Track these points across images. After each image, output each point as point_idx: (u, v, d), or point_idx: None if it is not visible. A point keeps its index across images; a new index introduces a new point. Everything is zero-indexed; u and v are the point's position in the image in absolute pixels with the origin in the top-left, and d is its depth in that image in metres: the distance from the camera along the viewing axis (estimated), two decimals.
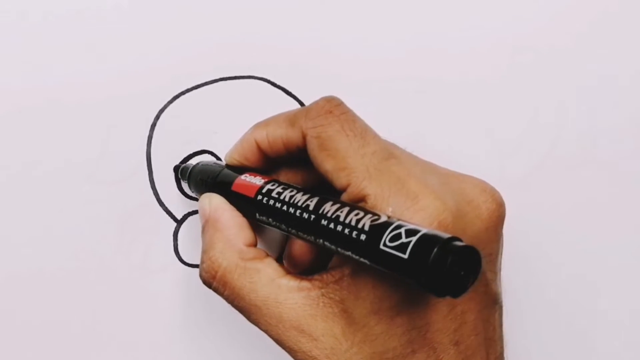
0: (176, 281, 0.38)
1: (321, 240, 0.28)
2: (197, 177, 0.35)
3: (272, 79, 0.38)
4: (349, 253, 0.27)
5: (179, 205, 0.38)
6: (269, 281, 0.30)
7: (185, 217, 0.38)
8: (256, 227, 0.33)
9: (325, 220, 0.28)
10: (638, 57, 0.40)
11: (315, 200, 0.29)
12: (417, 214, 0.27)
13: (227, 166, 0.34)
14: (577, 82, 0.40)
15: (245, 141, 0.33)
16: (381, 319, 0.28)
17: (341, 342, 0.28)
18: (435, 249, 0.24)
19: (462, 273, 0.24)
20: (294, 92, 0.38)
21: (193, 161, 0.37)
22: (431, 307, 0.28)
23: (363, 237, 0.26)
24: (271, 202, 0.30)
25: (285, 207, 0.30)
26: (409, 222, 0.26)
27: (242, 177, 0.33)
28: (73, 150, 0.37)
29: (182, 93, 0.37)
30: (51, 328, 0.38)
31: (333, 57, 0.38)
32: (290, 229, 0.30)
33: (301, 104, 0.38)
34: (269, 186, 0.31)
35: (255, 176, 0.32)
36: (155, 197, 0.37)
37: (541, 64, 0.39)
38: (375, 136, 0.30)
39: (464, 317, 0.29)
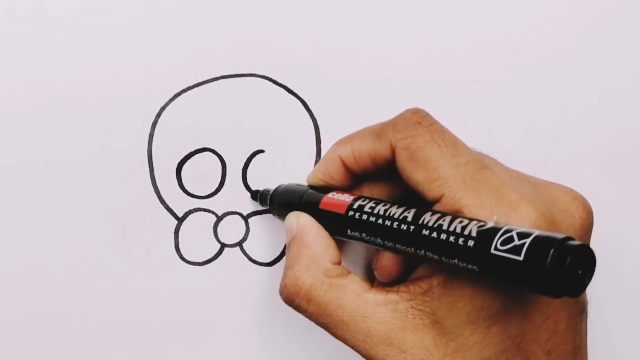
0: (177, 279, 0.38)
1: (422, 251, 0.28)
2: (282, 199, 0.35)
3: (273, 77, 0.38)
4: (455, 261, 0.26)
5: (180, 203, 0.38)
6: (356, 296, 0.30)
7: (186, 215, 0.38)
8: (339, 245, 0.33)
9: (426, 230, 0.27)
10: (639, 57, 0.40)
11: (412, 211, 0.28)
12: (518, 222, 0.27)
13: (310, 187, 0.35)
14: (578, 82, 0.40)
15: (329, 160, 0.33)
16: (477, 329, 0.28)
17: (432, 353, 0.28)
18: (552, 250, 0.23)
19: (580, 272, 0.24)
20: (295, 90, 0.38)
21: (268, 185, 0.37)
22: (526, 317, 0.28)
23: (471, 243, 0.26)
24: (364, 217, 0.30)
25: (380, 221, 0.29)
26: (517, 227, 0.25)
27: (329, 195, 0.33)
28: (74, 148, 0.37)
29: (184, 91, 0.37)
30: (51, 327, 0.38)
31: (334, 56, 0.38)
32: (386, 242, 0.29)
33: (302, 102, 0.38)
34: (359, 202, 0.31)
35: (342, 194, 0.32)
36: (157, 195, 0.37)
37: (542, 64, 0.40)
38: (466, 146, 0.30)
39: (556, 326, 0.29)
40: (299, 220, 0.33)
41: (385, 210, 0.30)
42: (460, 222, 0.26)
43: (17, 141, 0.36)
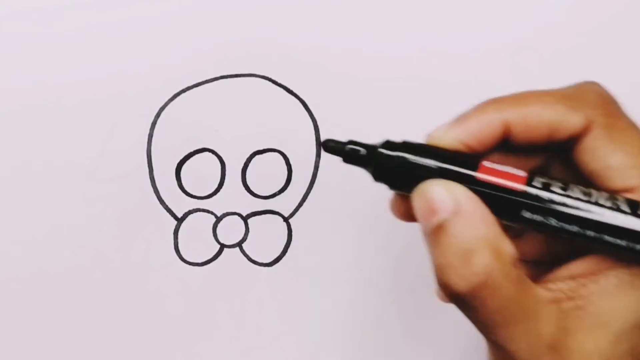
0: (177, 279, 0.38)
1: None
2: (402, 159, 0.26)
3: (273, 77, 0.38)
4: None
5: (180, 203, 0.38)
6: (533, 292, 0.26)
7: (185, 215, 0.38)
8: None
9: None
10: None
11: (621, 200, 0.25)
12: None
13: (444, 151, 0.26)
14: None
15: (485, 121, 0.27)
16: None
17: (607, 356, 0.25)
18: None
19: None
20: (295, 91, 0.38)
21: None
22: None
23: None
24: (558, 198, 0.25)
25: (588, 207, 0.25)
26: None
27: (486, 163, 0.25)
28: (74, 149, 0.37)
29: (183, 91, 0.37)
30: (51, 326, 0.38)
31: (334, 56, 0.38)
32: (587, 232, 0.25)
33: (302, 102, 0.38)
34: (541, 178, 0.25)
35: (500, 164, 0.26)
36: (156, 195, 0.37)
37: (543, 65, 0.39)
38: None
39: None
40: (455, 192, 0.25)
41: (586, 194, 0.25)
42: None
43: (17, 141, 0.36)
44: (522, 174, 0.25)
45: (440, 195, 0.25)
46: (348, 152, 0.27)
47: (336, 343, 0.39)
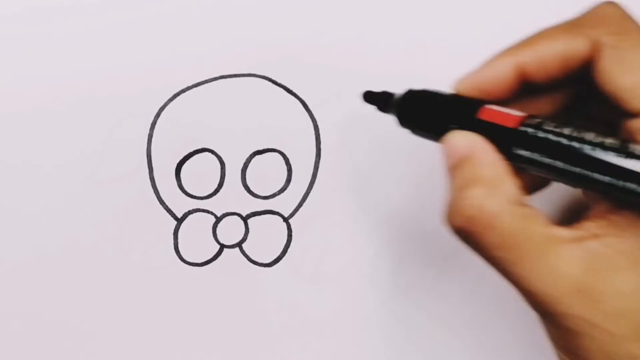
0: (176, 280, 0.38)
1: (628, 184, 0.24)
2: (420, 103, 0.30)
3: (273, 77, 0.38)
4: None
5: (179, 203, 0.38)
6: (546, 230, 0.25)
7: (185, 215, 0.38)
8: None
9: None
10: None
11: (614, 139, 0.24)
12: None
13: (456, 96, 0.29)
14: None
15: (498, 67, 0.28)
16: None
17: (633, 300, 0.24)
18: None
19: None
20: (295, 91, 0.38)
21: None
22: None
23: None
24: (547, 135, 0.26)
25: (574, 143, 0.25)
26: None
27: (488, 106, 0.27)
28: (73, 149, 0.37)
29: (183, 91, 0.37)
30: (51, 327, 0.38)
31: (334, 56, 0.38)
32: (575, 167, 0.25)
33: (302, 102, 0.38)
34: (537, 118, 0.26)
35: (503, 107, 0.27)
36: (156, 195, 0.37)
37: None
38: None
39: None
40: (468, 138, 0.27)
41: (577, 132, 0.25)
42: None
43: (17, 142, 0.37)
44: (519, 114, 0.27)
45: (456, 143, 0.27)
46: (380, 99, 0.32)
47: (336, 343, 0.39)
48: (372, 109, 0.37)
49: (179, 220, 0.38)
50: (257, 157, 0.38)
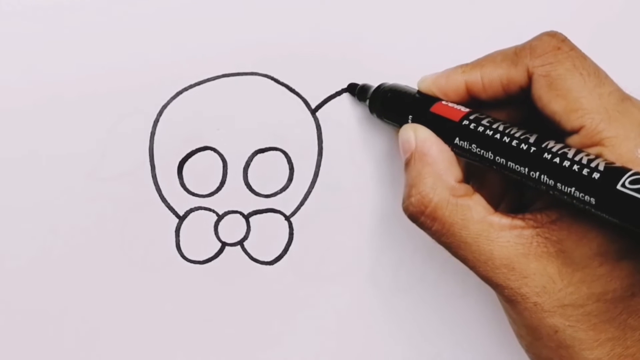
0: (178, 278, 0.38)
1: (537, 174, 0.27)
2: (387, 95, 0.34)
3: (275, 76, 0.38)
4: (572, 190, 0.26)
5: (181, 201, 0.38)
6: (481, 218, 0.29)
7: (187, 213, 0.38)
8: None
9: (548, 155, 0.27)
10: None
11: (534, 136, 0.28)
12: None
13: (419, 92, 0.33)
14: None
15: (452, 80, 0.32)
16: (605, 261, 0.28)
17: (555, 281, 0.28)
18: None
19: None
20: (297, 89, 0.38)
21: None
22: None
23: (596, 175, 0.25)
24: (480, 128, 0.29)
25: (498, 136, 0.29)
26: None
27: (443, 102, 0.32)
28: (75, 147, 0.37)
29: (185, 89, 0.37)
30: (51, 326, 0.38)
31: (336, 55, 0.38)
32: (497, 158, 0.29)
33: (304, 101, 0.38)
34: (477, 115, 0.30)
35: (456, 104, 0.31)
36: (158, 193, 0.37)
37: None
38: (608, 76, 0.29)
39: None
40: (418, 133, 0.31)
41: (506, 128, 0.29)
42: (587, 155, 0.26)
43: (18, 139, 0.36)
44: (464, 110, 0.31)
45: (407, 136, 0.31)
46: (355, 89, 0.37)
47: (336, 342, 0.39)
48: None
49: (181, 218, 0.38)
50: (259, 155, 0.38)
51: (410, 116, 0.33)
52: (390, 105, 0.34)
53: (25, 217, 0.37)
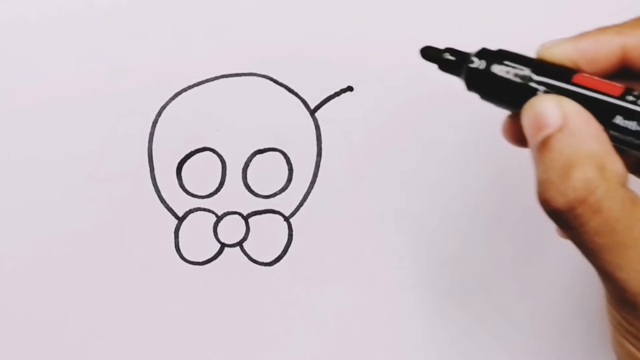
0: (177, 279, 0.38)
1: None
2: (501, 61, 0.26)
3: (274, 77, 0.38)
4: None
5: (180, 202, 0.38)
6: None
7: (186, 214, 0.38)
8: None
9: None
10: None
11: None
12: None
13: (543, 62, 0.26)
14: None
15: (603, 44, 0.25)
16: None
17: None
18: None
19: None
20: (296, 90, 0.38)
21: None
22: None
23: None
24: None
25: None
26: None
27: (585, 74, 0.25)
28: (74, 147, 0.37)
29: (184, 90, 0.37)
30: (51, 326, 0.38)
31: (335, 55, 0.38)
32: None
33: (303, 101, 0.38)
34: (632, 91, 0.24)
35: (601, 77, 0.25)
36: (157, 194, 0.37)
37: None
38: None
39: None
40: (564, 106, 0.24)
41: None
42: None
43: (17, 140, 0.36)
44: (620, 84, 0.24)
45: (549, 110, 0.24)
46: (444, 60, 0.28)
47: (336, 343, 0.39)
48: (372, 102, 0.37)
49: (180, 219, 0.38)
50: (258, 156, 0.38)
51: (541, 89, 0.25)
52: (504, 78, 0.26)
53: (25, 218, 0.37)
